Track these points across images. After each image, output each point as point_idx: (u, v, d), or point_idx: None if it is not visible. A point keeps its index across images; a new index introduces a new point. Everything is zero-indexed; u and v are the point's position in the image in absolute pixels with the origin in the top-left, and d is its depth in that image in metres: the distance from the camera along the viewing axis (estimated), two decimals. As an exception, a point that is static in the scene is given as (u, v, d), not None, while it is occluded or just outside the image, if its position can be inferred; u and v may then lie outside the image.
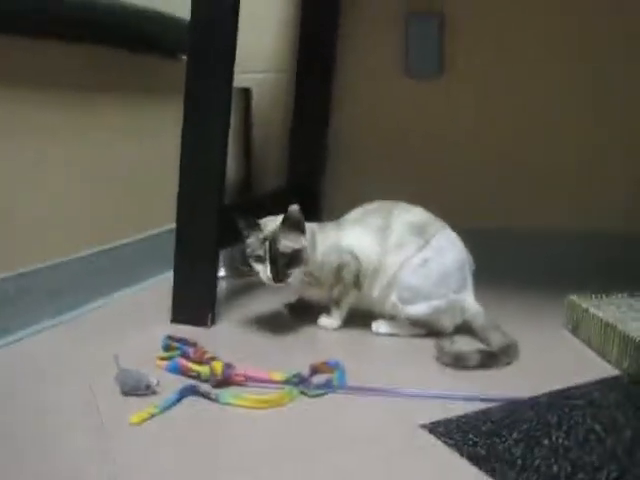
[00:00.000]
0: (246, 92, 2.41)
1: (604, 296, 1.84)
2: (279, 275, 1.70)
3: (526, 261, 2.29)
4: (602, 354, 1.65)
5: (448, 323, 1.77)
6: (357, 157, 2.53)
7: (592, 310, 1.72)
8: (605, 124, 2.30)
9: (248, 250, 1.76)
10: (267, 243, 1.70)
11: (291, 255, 1.71)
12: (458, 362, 1.58)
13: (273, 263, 1.70)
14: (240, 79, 2.46)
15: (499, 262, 2.08)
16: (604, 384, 1.49)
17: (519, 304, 1.96)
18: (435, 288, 1.74)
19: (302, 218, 1.74)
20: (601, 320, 1.66)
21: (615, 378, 1.53)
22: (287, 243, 1.71)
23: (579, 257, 2.28)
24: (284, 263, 1.70)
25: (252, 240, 1.75)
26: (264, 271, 1.72)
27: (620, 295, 1.85)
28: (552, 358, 1.66)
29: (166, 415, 1.34)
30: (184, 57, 1.92)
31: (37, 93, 1.82)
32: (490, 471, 1.14)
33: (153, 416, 1.33)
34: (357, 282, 1.81)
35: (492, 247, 2.11)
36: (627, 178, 2.30)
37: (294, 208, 1.73)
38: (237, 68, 2.49)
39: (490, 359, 1.59)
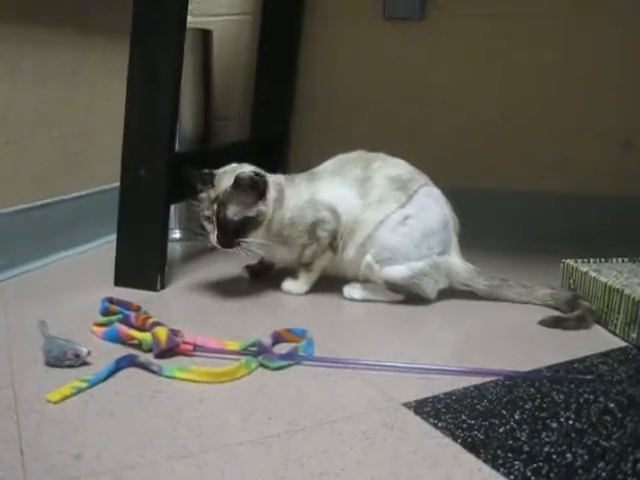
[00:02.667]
0: (206, 34, 2.17)
1: (603, 260, 1.65)
2: (226, 243, 1.52)
3: (512, 224, 2.08)
4: (604, 323, 1.46)
5: (430, 288, 1.57)
6: (327, 107, 2.31)
7: (593, 274, 1.52)
8: (596, 83, 2.07)
9: (200, 207, 1.55)
10: (215, 205, 1.51)
11: (241, 222, 1.51)
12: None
13: (220, 229, 1.51)
14: (201, 21, 2.25)
15: (484, 225, 1.89)
16: (611, 357, 1.32)
17: (507, 270, 1.74)
18: (416, 248, 1.54)
19: (259, 180, 1.53)
20: (605, 285, 1.46)
21: (622, 350, 1.35)
22: (237, 209, 1.51)
23: (566, 221, 2.09)
24: (232, 231, 1.51)
25: (204, 196, 1.55)
26: (212, 234, 1.52)
27: (620, 260, 1.67)
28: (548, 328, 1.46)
29: (95, 390, 1.13)
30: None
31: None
32: (491, 460, 0.93)
33: (79, 392, 1.11)
34: (334, 242, 1.60)
35: (476, 209, 1.91)
36: (617, 140, 2.08)
37: (245, 174, 1.51)
38: (198, 9, 2.30)
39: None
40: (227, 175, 1.55)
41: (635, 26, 2.00)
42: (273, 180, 1.59)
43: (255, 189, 1.52)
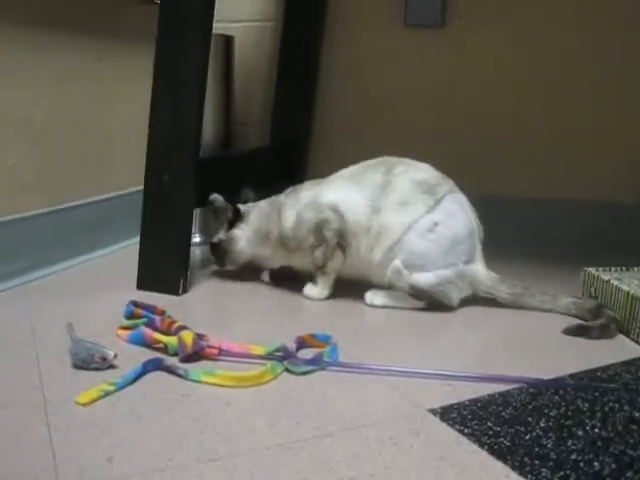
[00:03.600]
0: (227, 40, 2.19)
1: (624, 269, 1.65)
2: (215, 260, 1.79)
3: (528, 232, 2.08)
4: (626, 331, 1.46)
5: (455, 296, 1.57)
6: (348, 113, 2.31)
7: (614, 283, 1.52)
8: (608, 91, 2.08)
9: None
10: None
11: (214, 246, 1.77)
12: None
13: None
14: (222, 27, 2.26)
15: (502, 233, 1.87)
16: (634, 365, 1.31)
17: (526, 277, 1.72)
18: (444, 256, 1.54)
19: (219, 211, 1.76)
20: (627, 294, 1.46)
21: (645, 359, 1.34)
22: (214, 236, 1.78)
23: (584, 228, 2.08)
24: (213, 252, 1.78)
25: None
26: None
27: (642, 268, 1.66)
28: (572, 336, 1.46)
29: (123, 394, 1.14)
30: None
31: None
32: (519, 467, 0.93)
33: (107, 394, 1.12)
34: (342, 243, 1.60)
35: (494, 217, 1.90)
36: (629, 147, 2.09)
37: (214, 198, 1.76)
38: (219, 15, 2.30)
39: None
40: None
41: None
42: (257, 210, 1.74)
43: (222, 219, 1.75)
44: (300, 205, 1.64)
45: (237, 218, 1.72)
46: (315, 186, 1.67)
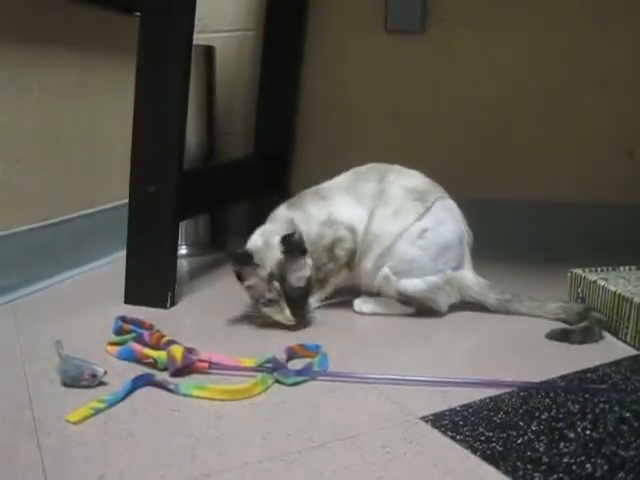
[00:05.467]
0: (209, 50, 2.18)
1: (610, 269, 1.66)
2: (301, 314, 1.50)
3: (516, 234, 2.09)
4: (614, 331, 1.47)
5: (443, 302, 1.58)
6: (330, 120, 2.31)
7: (601, 283, 1.53)
8: (602, 92, 2.09)
9: (253, 294, 1.51)
10: (276, 283, 1.47)
11: (307, 285, 1.50)
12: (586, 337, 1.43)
13: (291, 302, 1.47)
14: (203, 38, 2.26)
15: (488, 235, 1.88)
16: (623, 365, 1.32)
17: (513, 280, 1.73)
18: (433, 262, 1.54)
19: (302, 240, 1.50)
20: (614, 294, 1.47)
21: (634, 358, 1.35)
22: (299, 274, 1.49)
23: (570, 230, 2.10)
24: (303, 298, 1.51)
25: (253, 282, 1.49)
26: (283, 314, 1.48)
27: (628, 268, 1.67)
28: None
29: (113, 411, 1.13)
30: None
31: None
32: (511, 472, 0.93)
33: (98, 412, 1.11)
34: (351, 261, 1.61)
35: (480, 220, 1.90)
36: (621, 149, 2.10)
37: (294, 237, 1.47)
38: (200, 26, 2.31)
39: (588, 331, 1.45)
40: (268, 248, 1.50)
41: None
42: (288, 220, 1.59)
43: (301, 250, 1.50)
44: (314, 222, 1.60)
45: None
46: (319, 200, 1.63)
